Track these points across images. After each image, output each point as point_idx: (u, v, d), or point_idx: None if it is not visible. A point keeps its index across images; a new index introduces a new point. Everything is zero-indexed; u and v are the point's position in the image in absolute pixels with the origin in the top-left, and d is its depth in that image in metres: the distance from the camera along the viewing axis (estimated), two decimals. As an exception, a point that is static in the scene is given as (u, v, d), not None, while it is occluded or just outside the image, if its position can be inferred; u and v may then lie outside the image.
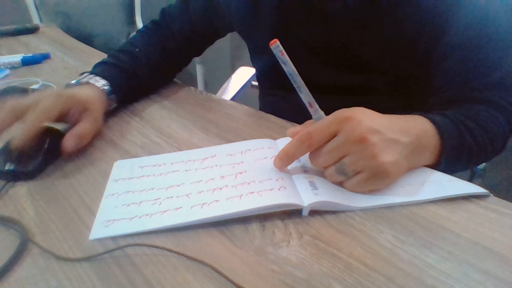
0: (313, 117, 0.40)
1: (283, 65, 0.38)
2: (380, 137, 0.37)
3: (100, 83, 0.57)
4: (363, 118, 0.38)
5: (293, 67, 0.38)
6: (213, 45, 0.77)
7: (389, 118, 0.41)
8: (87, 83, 0.56)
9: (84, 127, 0.48)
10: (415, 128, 0.42)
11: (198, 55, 0.76)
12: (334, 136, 0.38)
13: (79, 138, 0.47)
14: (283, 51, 0.38)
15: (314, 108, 0.40)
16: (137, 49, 0.67)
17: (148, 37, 0.71)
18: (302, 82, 0.39)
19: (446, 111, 0.47)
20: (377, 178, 0.38)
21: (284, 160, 0.41)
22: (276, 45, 0.37)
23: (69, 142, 0.46)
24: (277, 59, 0.38)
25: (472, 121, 0.47)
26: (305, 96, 0.39)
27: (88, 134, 0.49)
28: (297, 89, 0.39)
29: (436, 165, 0.44)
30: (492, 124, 0.48)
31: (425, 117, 0.44)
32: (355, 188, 0.39)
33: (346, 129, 0.37)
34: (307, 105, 0.39)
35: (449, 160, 0.44)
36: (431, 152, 0.43)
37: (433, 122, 0.43)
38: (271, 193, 0.38)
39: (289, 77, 0.38)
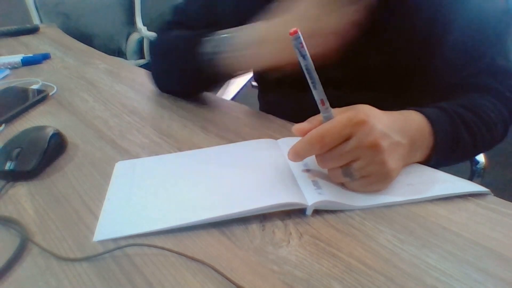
0: (322, 115, 0.39)
1: (301, 59, 0.35)
2: (389, 141, 0.38)
3: None
4: (375, 122, 0.37)
5: (311, 62, 0.35)
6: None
7: (391, 117, 0.41)
8: None
9: None
10: (411, 128, 0.42)
11: None
12: (346, 139, 0.37)
13: None
14: (303, 43, 0.34)
15: (326, 106, 0.38)
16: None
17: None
18: (318, 78, 0.37)
19: (444, 104, 0.47)
20: (381, 182, 0.39)
21: (293, 160, 0.40)
22: (296, 36, 0.33)
23: None
24: (295, 51, 0.35)
25: (468, 111, 0.47)
26: (319, 93, 0.37)
27: None
28: (311, 85, 0.37)
29: (427, 161, 0.44)
30: (489, 112, 0.49)
31: (421, 113, 0.44)
32: (358, 190, 0.39)
33: (360, 134, 0.37)
34: (318, 102, 0.38)
35: (441, 157, 0.45)
36: (423, 150, 0.44)
37: (428, 118, 0.44)
38: (275, 192, 0.38)
39: (305, 71, 0.36)
